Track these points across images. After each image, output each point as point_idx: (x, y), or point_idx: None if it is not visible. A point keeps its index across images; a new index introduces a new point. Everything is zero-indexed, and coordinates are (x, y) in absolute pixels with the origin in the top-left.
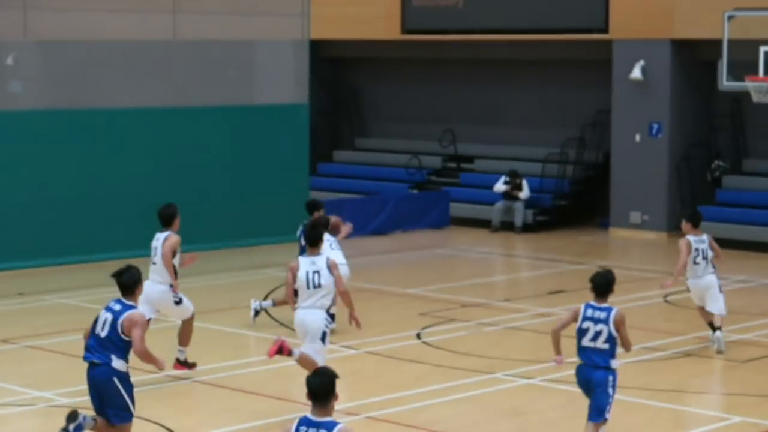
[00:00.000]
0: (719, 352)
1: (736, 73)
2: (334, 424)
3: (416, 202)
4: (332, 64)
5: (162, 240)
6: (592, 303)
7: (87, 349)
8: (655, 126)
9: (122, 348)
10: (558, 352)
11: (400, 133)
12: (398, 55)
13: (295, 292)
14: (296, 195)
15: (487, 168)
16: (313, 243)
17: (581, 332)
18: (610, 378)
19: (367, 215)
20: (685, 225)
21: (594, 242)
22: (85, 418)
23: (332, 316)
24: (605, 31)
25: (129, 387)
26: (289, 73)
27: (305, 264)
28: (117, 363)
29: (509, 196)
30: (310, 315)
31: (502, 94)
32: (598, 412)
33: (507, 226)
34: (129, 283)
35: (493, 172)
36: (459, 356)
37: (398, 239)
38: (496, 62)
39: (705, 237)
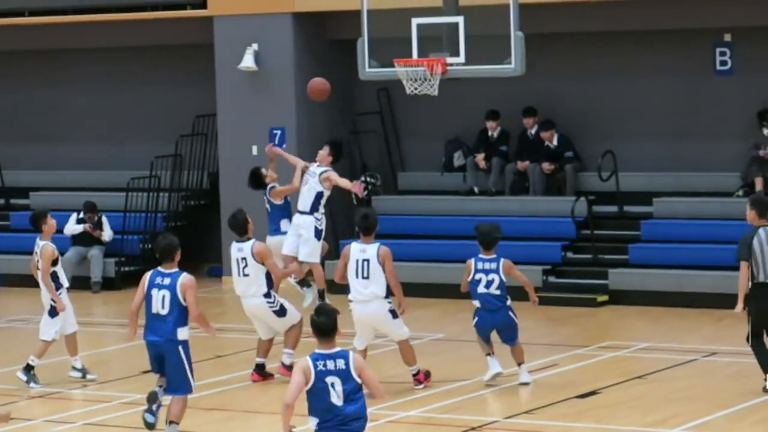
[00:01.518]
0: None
1: (382, 56)
2: (346, 351)
3: None
4: None
5: (250, 249)
6: (481, 256)
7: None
8: (278, 133)
9: (185, 315)
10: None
11: None
12: None
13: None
14: None
15: (48, 203)
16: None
17: (475, 283)
18: (510, 313)
19: None
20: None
21: (202, 298)
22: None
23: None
24: (203, 6)
25: (190, 355)
26: None
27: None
28: (182, 334)
29: (86, 239)
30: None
31: (61, 100)
32: (513, 336)
33: (81, 283)
34: (167, 250)
35: (56, 208)
36: None
37: None
38: (48, 54)
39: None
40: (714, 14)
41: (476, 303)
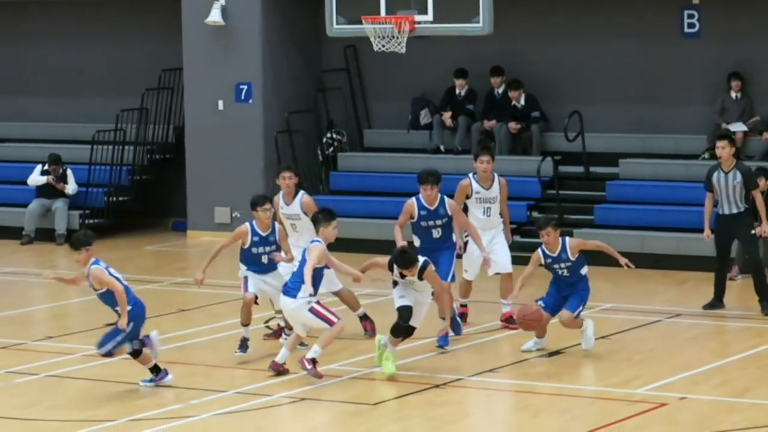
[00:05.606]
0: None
1: (349, 13)
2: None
3: None
4: None
5: None
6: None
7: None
8: (244, 88)
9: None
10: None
11: None
12: None
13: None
14: None
15: (12, 155)
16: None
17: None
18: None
19: None
20: None
21: (166, 252)
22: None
23: None
24: None
25: None
26: None
27: None
28: None
29: (51, 191)
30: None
31: (26, 53)
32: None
33: (45, 235)
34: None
35: (21, 160)
36: None
37: None
38: (14, 6)
39: None
40: None
41: None
